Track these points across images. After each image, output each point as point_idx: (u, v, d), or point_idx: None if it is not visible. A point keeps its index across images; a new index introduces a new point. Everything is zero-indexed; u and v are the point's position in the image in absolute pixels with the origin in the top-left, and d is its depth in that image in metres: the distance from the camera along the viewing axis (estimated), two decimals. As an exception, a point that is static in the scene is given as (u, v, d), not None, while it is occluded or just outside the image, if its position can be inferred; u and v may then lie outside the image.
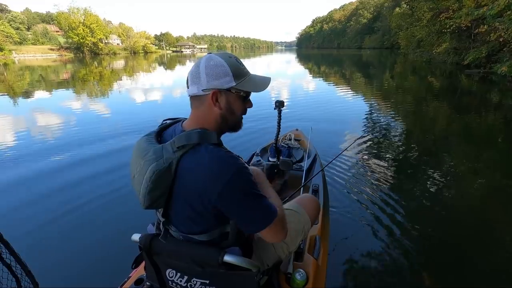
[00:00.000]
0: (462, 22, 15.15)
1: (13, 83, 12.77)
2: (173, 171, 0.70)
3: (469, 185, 2.90)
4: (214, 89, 0.75)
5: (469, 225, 2.24)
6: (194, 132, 0.73)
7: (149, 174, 0.69)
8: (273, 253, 0.97)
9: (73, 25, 49.00)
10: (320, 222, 1.51)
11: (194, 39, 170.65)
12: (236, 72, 0.76)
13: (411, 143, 4.26)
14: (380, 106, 6.93)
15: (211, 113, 0.78)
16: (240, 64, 0.79)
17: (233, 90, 0.77)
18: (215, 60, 0.76)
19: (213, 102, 0.76)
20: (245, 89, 0.79)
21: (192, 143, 0.71)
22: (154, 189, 0.70)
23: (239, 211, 0.71)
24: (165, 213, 0.79)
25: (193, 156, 0.71)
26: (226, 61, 0.76)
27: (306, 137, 2.76)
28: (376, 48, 72.58)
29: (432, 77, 13.47)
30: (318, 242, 1.35)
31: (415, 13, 24.61)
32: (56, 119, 5.80)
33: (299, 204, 1.13)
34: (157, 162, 0.70)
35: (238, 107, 0.81)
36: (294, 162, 2.28)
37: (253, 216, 0.73)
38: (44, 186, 2.87)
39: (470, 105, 7.22)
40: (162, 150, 0.71)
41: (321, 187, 1.85)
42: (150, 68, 22.41)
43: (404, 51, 32.37)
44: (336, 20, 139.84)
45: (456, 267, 1.78)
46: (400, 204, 2.43)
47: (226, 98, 0.78)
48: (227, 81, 0.75)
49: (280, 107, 1.95)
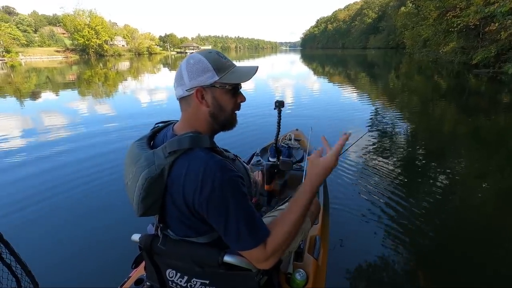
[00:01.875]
0: (470, 21, 14.82)
1: (20, 84, 12.92)
2: (165, 178, 0.69)
3: (475, 190, 2.81)
4: (197, 87, 0.74)
5: (472, 229, 2.19)
6: (186, 136, 0.72)
7: (141, 181, 0.69)
8: None
9: (78, 27, 49.63)
10: (320, 222, 1.51)
11: (198, 40, 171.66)
12: (217, 66, 0.74)
13: (415, 144, 4.18)
14: (384, 106, 6.84)
15: (200, 113, 0.77)
16: (222, 58, 0.77)
17: (217, 84, 0.75)
18: (194, 58, 0.75)
19: (199, 100, 0.75)
20: (229, 81, 0.75)
21: (184, 148, 0.70)
22: (146, 196, 0.70)
23: (222, 224, 0.68)
24: (162, 219, 0.77)
25: (184, 161, 0.69)
26: (206, 56, 0.75)
27: (306, 137, 2.76)
28: (381, 48, 72.13)
29: (439, 77, 13.26)
30: (318, 242, 1.35)
31: (421, 12, 24.31)
32: (60, 119, 5.82)
33: None
34: (149, 168, 0.69)
35: (226, 102, 0.77)
36: (294, 162, 2.27)
37: (237, 233, 0.67)
38: (45, 186, 2.88)
39: (479, 106, 7.02)
40: (153, 156, 0.71)
41: (321, 187, 1.82)
42: (154, 69, 22.53)
43: (409, 51, 32.00)
44: (341, 20, 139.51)
45: (457, 268, 1.78)
46: (401, 205, 2.43)
47: (212, 94, 0.75)
48: (210, 76, 0.74)
49: (280, 107, 1.95)
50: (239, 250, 0.70)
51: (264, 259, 0.70)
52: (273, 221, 0.75)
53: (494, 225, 2.22)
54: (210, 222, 0.70)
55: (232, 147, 0.95)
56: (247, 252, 0.69)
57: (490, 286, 1.66)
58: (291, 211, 0.74)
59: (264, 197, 1.79)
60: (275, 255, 0.71)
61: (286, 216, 0.73)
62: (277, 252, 0.70)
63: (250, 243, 0.68)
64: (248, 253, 0.69)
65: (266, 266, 0.71)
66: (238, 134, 4.25)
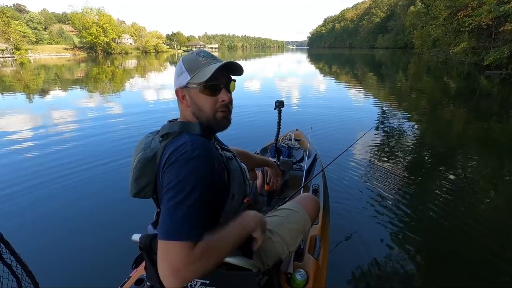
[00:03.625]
0: (483, 20, 14.48)
1: (28, 81, 13.09)
2: (157, 160, 0.73)
3: (484, 195, 2.71)
4: (177, 88, 0.80)
5: (477, 234, 2.11)
6: (177, 122, 0.79)
7: (135, 162, 0.76)
8: (273, 253, 0.95)
9: (86, 25, 50.20)
10: (321, 222, 1.51)
11: (205, 39, 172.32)
12: (190, 67, 0.77)
13: (420, 145, 4.08)
14: (389, 107, 6.72)
15: (186, 111, 0.81)
16: (200, 57, 0.78)
17: (189, 85, 0.77)
18: (179, 61, 0.81)
19: (181, 100, 0.81)
20: (196, 81, 0.76)
21: (175, 132, 0.75)
22: (140, 176, 0.75)
23: (166, 197, 0.62)
24: (159, 203, 0.79)
25: (173, 143, 0.72)
26: (184, 58, 0.80)
27: (306, 137, 2.76)
28: (389, 47, 71.43)
29: (449, 78, 12.97)
30: (318, 242, 1.35)
31: (430, 11, 23.94)
32: (60, 119, 5.75)
33: (299, 203, 1.11)
34: (144, 151, 0.76)
35: (203, 102, 0.78)
36: (294, 162, 2.28)
37: (163, 217, 0.60)
38: (45, 186, 2.86)
39: (490, 109, 6.79)
40: (151, 142, 0.78)
41: (321, 187, 1.84)
42: (161, 68, 22.66)
43: (418, 51, 31.53)
44: (349, 19, 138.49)
45: (457, 269, 1.78)
46: (402, 205, 2.41)
47: (188, 94, 0.79)
48: (184, 77, 0.78)
49: (280, 107, 1.95)
50: (163, 235, 0.58)
51: (187, 262, 0.55)
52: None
53: (501, 234, 2.11)
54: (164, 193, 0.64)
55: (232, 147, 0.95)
56: (168, 243, 0.57)
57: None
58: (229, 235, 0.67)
59: (264, 197, 1.79)
60: (199, 265, 0.57)
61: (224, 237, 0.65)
62: (198, 264, 0.57)
63: (170, 234, 0.57)
64: (163, 246, 0.57)
65: (180, 277, 0.55)
66: (238, 134, 4.22)
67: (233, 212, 0.79)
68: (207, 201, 0.64)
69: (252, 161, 1.18)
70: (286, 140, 2.62)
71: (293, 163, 2.17)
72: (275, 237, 0.95)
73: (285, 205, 1.10)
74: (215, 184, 0.68)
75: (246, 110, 6.00)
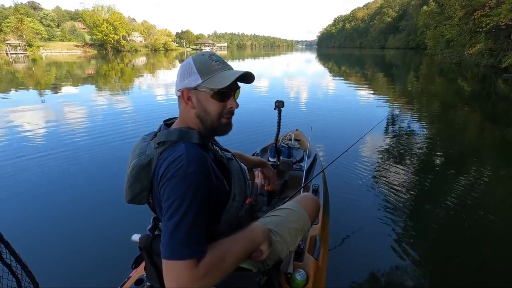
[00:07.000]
0: (501, 20, 13.94)
1: (40, 78, 13.32)
2: (152, 167, 0.72)
3: (495, 202, 2.58)
4: (184, 88, 0.77)
5: (479, 238, 2.08)
6: (175, 129, 0.76)
7: (130, 169, 0.74)
8: (273, 253, 0.93)
9: (97, 22, 51.00)
10: (320, 222, 1.52)
11: (214, 37, 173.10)
12: (202, 70, 0.76)
13: (423, 148, 3.96)
14: (395, 108, 6.58)
15: (189, 112, 0.79)
16: (213, 61, 0.77)
17: (199, 88, 0.76)
18: (187, 60, 0.79)
19: (185, 101, 0.78)
20: (210, 86, 0.75)
21: (171, 140, 0.73)
22: (134, 183, 0.74)
23: (166, 215, 0.64)
24: (155, 209, 0.80)
25: (169, 152, 0.71)
26: (195, 59, 0.77)
27: (306, 137, 2.76)
28: (400, 48, 70.38)
29: (463, 81, 12.58)
30: (318, 242, 1.36)
31: (445, 11, 23.37)
32: (59, 119, 5.68)
33: (299, 203, 1.11)
34: (139, 158, 0.74)
35: (211, 106, 0.77)
36: (294, 162, 2.28)
37: (164, 236, 0.62)
38: (45, 186, 2.86)
39: (507, 113, 6.47)
40: (146, 147, 0.76)
41: (321, 187, 1.85)
42: (170, 66, 22.81)
43: (431, 52, 30.90)
44: (359, 19, 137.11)
45: (457, 269, 1.78)
46: (403, 206, 2.41)
47: (196, 96, 0.77)
48: (194, 79, 0.76)
49: (280, 107, 1.96)
50: (166, 255, 0.60)
51: (192, 280, 0.58)
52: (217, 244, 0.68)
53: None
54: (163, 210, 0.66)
55: (232, 147, 0.95)
56: (172, 263, 0.59)
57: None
58: (238, 241, 0.71)
59: (264, 197, 1.78)
60: (206, 280, 0.60)
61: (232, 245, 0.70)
62: (209, 276, 0.61)
63: (172, 254, 0.59)
64: (167, 266, 0.60)
65: None
66: (238, 134, 4.18)
67: (234, 212, 0.80)
68: (205, 215, 0.66)
69: (247, 162, 1.17)
70: (286, 140, 2.62)
71: (293, 163, 2.17)
72: (274, 237, 0.94)
73: (284, 205, 1.09)
74: (213, 197, 0.70)
75: (246, 110, 5.94)
